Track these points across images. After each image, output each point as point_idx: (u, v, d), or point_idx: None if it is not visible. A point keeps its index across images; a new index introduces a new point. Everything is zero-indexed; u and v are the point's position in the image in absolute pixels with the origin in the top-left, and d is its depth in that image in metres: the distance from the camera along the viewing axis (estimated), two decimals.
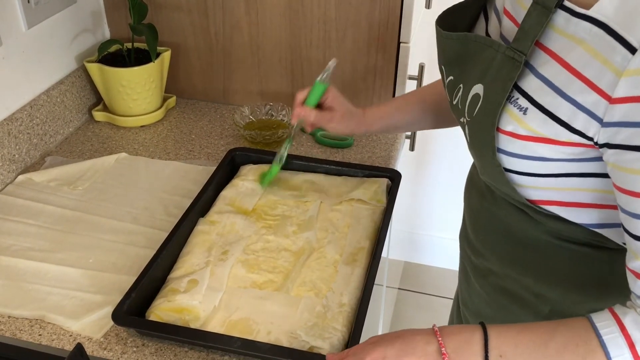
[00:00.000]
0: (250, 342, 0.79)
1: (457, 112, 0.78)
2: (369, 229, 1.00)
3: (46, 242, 1.00)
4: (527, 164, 0.68)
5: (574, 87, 0.60)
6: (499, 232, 0.82)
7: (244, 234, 0.98)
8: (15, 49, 1.14)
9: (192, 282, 0.88)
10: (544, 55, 0.64)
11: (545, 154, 0.66)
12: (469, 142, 0.75)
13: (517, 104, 0.66)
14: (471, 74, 0.72)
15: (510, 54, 0.65)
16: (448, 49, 0.77)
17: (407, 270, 2.34)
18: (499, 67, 0.67)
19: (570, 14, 0.61)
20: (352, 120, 1.00)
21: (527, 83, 0.65)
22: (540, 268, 0.79)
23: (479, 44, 0.71)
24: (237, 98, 1.40)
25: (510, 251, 0.81)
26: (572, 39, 0.61)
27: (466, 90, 0.73)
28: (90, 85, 1.35)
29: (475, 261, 0.90)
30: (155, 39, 1.25)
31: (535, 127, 0.64)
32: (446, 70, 0.79)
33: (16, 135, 1.15)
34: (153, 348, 0.83)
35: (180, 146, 1.26)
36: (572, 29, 0.61)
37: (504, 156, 0.69)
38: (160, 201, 1.10)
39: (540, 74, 0.64)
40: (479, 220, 0.87)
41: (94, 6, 1.35)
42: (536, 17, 0.63)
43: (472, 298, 0.94)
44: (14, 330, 0.85)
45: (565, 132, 0.63)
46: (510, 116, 0.66)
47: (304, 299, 0.87)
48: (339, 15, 1.24)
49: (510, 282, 0.83)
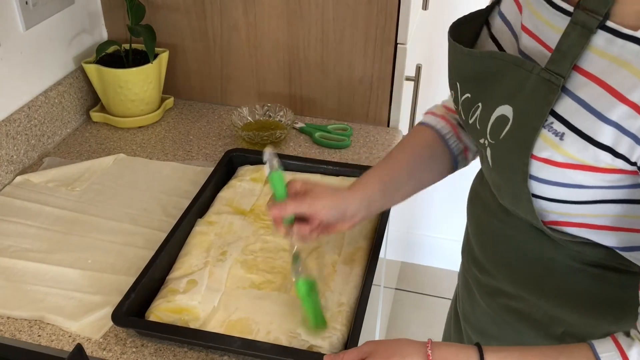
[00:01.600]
0: (249, 342, 0.79)
1: (474, 132, 0.74)
2: (366, 229, 1.00)
3: (45, 243, 1.00)
4: (563, 191, 0.65)
5: (618, 111, 0.57)
6: (511, 252, 0.79)
7: (242, 234, 0.99)
8: (13, 50, 1.14)
9: (191, 283, 0.89)
10: (581, 78, 0.61)
11: (583, 182, 0.63)
12: (492, 165, 0.71)
13: (552, 128, 0.62)
14: (494, 93, 0.68)
15: (546, 76, 0.62)
16: (464, 65, 0.73)
17: (404, 271, 2.34)
18: (532, 89, 0.63)
19: (614, 35, 0.58)
20: (337, 192, 0.83)
21: (564, 107, 0.62)
22: (557, 291, 0.76)
23: (506, 62, 0.67)
24: (234, 99, 1.41)
25: (524, 272, 0.78)
26: (615, 61, 0.58)
27: (487, 110, 0.69)
28: (88, 86, 1.35)
29: (482, 279, 0.86)
30: (153, 40, 1.25)
31: (575, 153, 0.61)
32: (461, 87, 0.74)
33: (14, 136, 1.15)
34: (152, 348, 0.83)
35: (178, 147, 1.27)
36: (615, 51, 0.58)
37: (536, 183, 0.65)
38: (159, 202, 1.10)
39: (577, 97, 0.61)
40: (487, 238, 0.84)
41: (91, 7, 1.35)
42: (575, 38, 0.60)
43: (476, 315, 0.91)
44: (13, 331, 0.85)
45: (608, 157, 0.60)
46: (545, 142, 0.63)
47: None
48: (337, 16, 1.25)
49: (521, 302, 0.80)
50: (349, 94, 1.33)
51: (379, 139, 1.30)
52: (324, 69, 1.31)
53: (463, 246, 0.94)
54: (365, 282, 0.89)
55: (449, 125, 0.87)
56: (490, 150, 0.70)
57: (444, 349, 0.67)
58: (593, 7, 0.59)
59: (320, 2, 1.24)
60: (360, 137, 1.30)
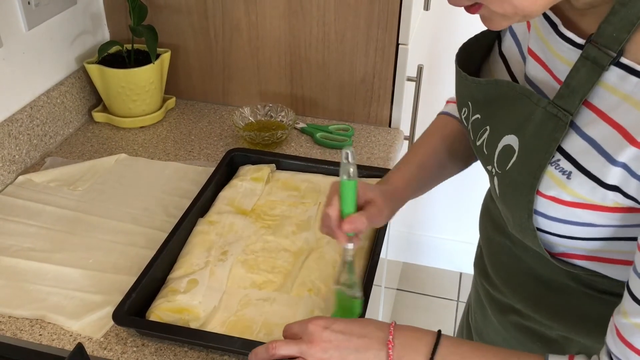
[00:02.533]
0: (250, 342, 0.79)
1: (481, 155, 0.72)
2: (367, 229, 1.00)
3: (46, 243, 1.00)
4: (570, 228, 0.62)
5: (628, 153, 0.55)
6: (522, 273, 0.77)
7: (244, 234, 0.99)
8: (16, 50, 1.15)
9: (192, 282, 0.89)
10: (590, 114, 0.58)
11: (591, 220, 0.61)
12: (499, 195, 0.69)
13: (559, 166, 0.60)
14: (503, 120, 0.66)
15: (554, 111, 0.59)
16: (471, 91, 0.71)
17: (405, 271, 2.34)
18: (539, 123, 0.61)
19: (628, 72, 0.55)
20: (390, 200, 0.82)
21: (571, 144, 0.59)
22: (569, 313, 0.74)
23: (513, 92, 0.65)
24: (236, 99, 1.41)
25: (536, 294, 0.76)
26: (627, 99, 0.55)
27: (495, 136, 0.67)
28: (90, 87, 1.35)
29: (494, 295, 0.85)
30: (155, 41, 1.26)
31: (583, 193, 0.59)
32: (473, 107, 0.72)
33: (16, 136, 1.15)
34: (153, 348, 0.83)
35: (180, 147, 1.27)
36: (628, 89, 0.55)
37: (542, 219, 0.63)
38: (160, 202, 1.10)
39: (586, 135, 0.58)
40: (498, 257, 0.82)
41: (94, 8, 1.36)
42: (586, 74, 0.57)
43: (488, 331, 0.89)
44: (14, 330, 0.86)
45: (617, 197, 0.58)
46: (552, 179, 0.61)
47: (304, 299, 0.87)
48: (338, 16, 1.25)
49: (534, 323, 0.78)
50: (351, 94, 1.33)
51: (381, 140, 1.30)
52: (325, 69, 1.31)
53: (475, 259, 0.93)
54: (365, 282, 0.89)
55: None
56: (497, 180, 0.68)
57: (406, 332, 0.67)
58: (606, 43, 0.56)
59: (321, 2, 1.24)
60: (361, 137, 1.30)
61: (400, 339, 0.66)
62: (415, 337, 0.66)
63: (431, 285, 2.29)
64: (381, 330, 0.67)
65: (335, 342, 0.67)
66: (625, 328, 0.58)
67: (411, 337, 0.66)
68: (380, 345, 0.66)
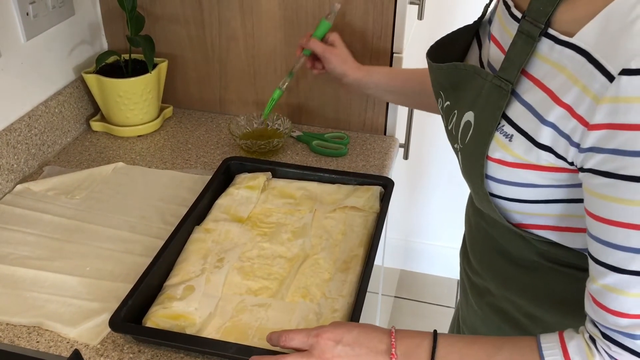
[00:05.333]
0: (245, 348, 0.80)
1: (451, 138, 0.78)
2: (362, 236, 1.01)
3: (44, 251, 1.01)
4: (516, 190, 0.68)
5: (555, 113, 0.61)
6: (494, 252, 0.82)
7: (239, 241, 1.00)
8: (14, 60, 1.16)
9: (188, 289, 0.89)
10: (527, 82, 0.64)
11: (533, 180, 0.66)
12: (462, 169, 0.75)
13: (503, 131, 0.66)
14: (464, 101, 0.73)
15: (497, 82, 0.66)
16: (439, 77, 0.78)
17: (402, 279, 2.35)
18: (487, 95, 0.68)
19: (554, 42, 0.61)
20: (348, 62, 1.11)
21: (512, 110, 0.66)
22: (534, 290, 0.79)
23: (468, 72, 0.71)
24: (233, 108, 1.42)
25: (505, 271, 0.81)
26: (555, 66, 0.61)
27: (459, 117, 0.74)
28: (88, 96, 1.37)
29: (473, 279, 0.90)
30: (152, 50, 1.27)
31: (521, 153, 0.65)
32: (444, 95, 0.79)
33: (15, 145, 1.16)
34: (149, 354, 0.84)
35: (177, 155, 1.28)
36: (555, 56, 0.61)
37: (492, 183, 0.69)
38: (157, 210, 1.11)
39: (524, 101, 0.64)
40: (476, 239, 0.87)
41: (92, 18, 1.37)
42: (521, 46, 0.64)
43: (469, 315, 0.94)
44: (12, 337, 0.86)
45: (550, 157, 0.63)
46: (498, 144, 0.67)
47: (299, 305, 0.88)
48: (333, 26, 1.26)
49: (504, 302, 0.83)
50: (346, 103, 1.35)
51: (376, 147, 1.31)
52: (321, 77, 1.33)
53: (461, 249, 0.97)
54: (360, 289, 0.90)
55: None
56: (460, 155, 0.74)
57: (406, 340, 0.71)
58: (535, 16, 0.62)
59: (317, 12, 1.26)
60: (357, 145, 1.31)
61: (402, 348, 0.71)
62: (415, 344, 0.70)
63: (428, 292, 2.29)
64: (384, 342, 0.72)
65: (345, 357, 0.71)
66: (597, 293, 0.62)
67: (411, 345, 0.71)
68: (384, 356, 0.71)
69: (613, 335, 0.61)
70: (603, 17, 0.57)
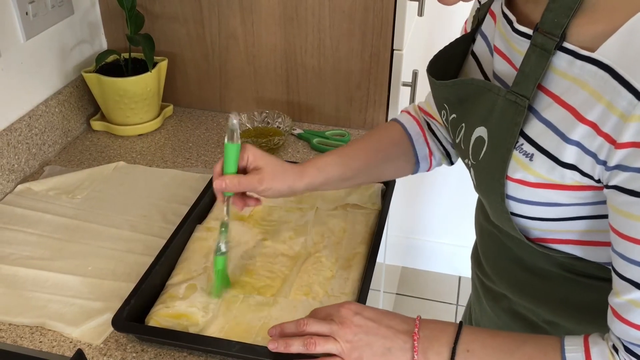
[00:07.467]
0: (248, 346, 0.80)
1: (460, 152, 0.76)
2: (364, 233, 1.01)
3: (46, 251, 1.01)
4: (538, 209, 0.66)
5: (579, 131, 0.59)
6: (509, 260, 0.80)
7: (241, 239, 1.00)
8: (14, 60, 1.16)
9: (191, 288, 0.89)
10: (546, 99, 0.62)
11: (556, 200, 0.64)
12: (476, 185, 0.73)
13: (522, 149, 0.64)
14: (473, 115, 0.71)
15: (512, 97, 0.64)
16: (446, 93, 0.76)
17: (404, 276, 2.35)
18: (501, 111, 0.65)
19: (573, 56, 0.59)
20: (288, 175, 0.84)
21: (531, 128, 0.63)
22: (552, 298, 0.77)
23: (478, 87, 0.69)
24: (233, 106, 1.42)
25: (521, 280, 0.79)
26: (576, 82, 0.59)
27: (468, 131, 0.71)
28: (88, 95, 1.36)
29: (487, 284, 0.88)
30: (152, 49, 1.27)
31: (544, 173, 0.63)
32: (449, 108, 0.77)
33: (15, 145, 1.16)
34: (152, 353, 0.84)
35: (178, 154, 1.28)
36: (576, 72, 0.59)
37: (514, 202, 0.67)
38: (158, 209, 1.11)
39: (544, 118, 0.62)
40: (488, 246, 0.85)
41: (91, 17, 1.37)
42: (536, 60, 0.62)
43: (483, 319, 0.93)
44: (15, 338, 0.86)
45: (575, 175, 0.61)
46: (518, 163, 0.65)
47: (302, 303, 0.88)
48: (333, 23, 1.26)
49: (522, 308, 0.82)
50: (346, 100, 1.34)
51: None
52: (321, 75, 1.33)
53: (472, 251, 0.96)
54: (362, 287, 0.90)
55: (419, 127, 0.92)
56: (473, 170, 0.73)
57: (430, 325, 0.72)
58: (549, 29, 0.60)
59: (316, 9, 1.25)
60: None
61: (425, 332, 0.71)
62: (438, 329, 0.71)
63: (430, 289, 2.29)
64: (407, 323, 0.72)
65: (365, 327, 0.72)
66: (620, 307, 0.61)
67: (435, 329, 0.71)
68: (407, 337, 0.71)
69: (635, 350, 0.60)
70: (626, 32, 0.55)
